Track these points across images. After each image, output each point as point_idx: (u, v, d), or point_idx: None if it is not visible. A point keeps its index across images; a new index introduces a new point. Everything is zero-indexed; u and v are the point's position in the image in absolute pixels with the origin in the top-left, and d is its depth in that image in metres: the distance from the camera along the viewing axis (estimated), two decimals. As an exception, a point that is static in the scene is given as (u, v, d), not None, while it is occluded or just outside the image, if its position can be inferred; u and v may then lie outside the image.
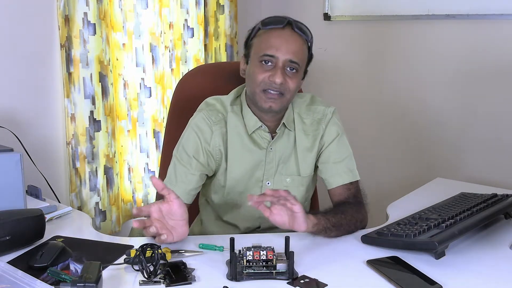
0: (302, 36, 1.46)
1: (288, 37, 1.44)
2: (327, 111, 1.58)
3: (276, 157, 1.54)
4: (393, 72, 2.52)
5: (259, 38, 1.47)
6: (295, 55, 1.44)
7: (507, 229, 1.50)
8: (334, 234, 1.41)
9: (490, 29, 2.21)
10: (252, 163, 1.54)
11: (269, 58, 1.43)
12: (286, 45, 1.43)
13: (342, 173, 1.54)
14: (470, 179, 2.09)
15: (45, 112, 2.09)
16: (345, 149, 1.57)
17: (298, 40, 1.45)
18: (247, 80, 1.51)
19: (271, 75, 1.43)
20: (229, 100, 1.56)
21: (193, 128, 1.53)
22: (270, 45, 1.43)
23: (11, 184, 1.44)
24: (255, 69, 1.45)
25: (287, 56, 1.43)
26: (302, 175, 1.56)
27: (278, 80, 1.41)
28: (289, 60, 1.43)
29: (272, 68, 1.43)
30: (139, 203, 2.41)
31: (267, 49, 1.43)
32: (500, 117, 2.22)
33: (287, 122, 1.54)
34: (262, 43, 1.45)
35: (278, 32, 1.45)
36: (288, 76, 1.44)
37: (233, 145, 1.53)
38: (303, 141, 1.55)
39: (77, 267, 1.22)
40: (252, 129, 1.52)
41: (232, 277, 1.19)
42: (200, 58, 2.47)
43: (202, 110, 1.55)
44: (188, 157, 1.51)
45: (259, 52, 1.45)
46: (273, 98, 1.44)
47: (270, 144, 1.53)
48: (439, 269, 1.24)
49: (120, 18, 2.24)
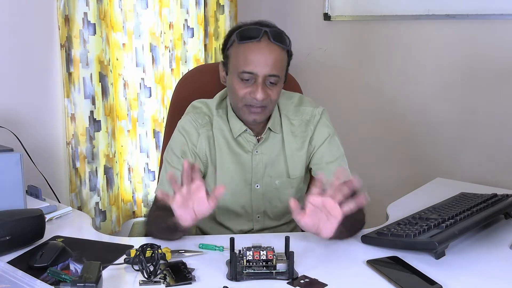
0: (280, 46, 1.42)
1: (265, 50, 1.39)
2: (315, 112, 1.58)
3: (263, 160, 1.54)
4: (393, 72, 2.52)
5: (236, 51, 1.43)
6: (274, 68, 1.40)
7: (507, 229, 1.50)
8: (345, 236, 1.38)
9: (490, 29, 2.21)
10: (239, 167, 1.54)
11: (248, 76, 1.40)
12: (264, 60, 1.39)
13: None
14: (470, 179, 2.09)
15: (45, 112, 2.09)
16: (337, 149, 1.57)
17: (276, 51, 1.41)
18: (228, 91, 1.51)
19: (252, 91, 1.41)
20: (215, 104, 1.56)
21: (180, 131, 1.54)
22: (248, 61, 1.39)
23: (11, 184, 1.44)
24: (235, 85, 1.43)
25: (266, 71, 1.39)
26: (291, 176, 1.56)
27: (259, 97, 1.40)
28: (269, 75, 1.40)
29: (252, 84, 1.41)
30: (139, 203, 2.41)
31: (245, 65, 1.39)
32: (500, 117, 2.22)
33: (272, 126, 1.54)
34: (239, 58, 1.41)
35: (254, 45, 1.40)
36: (269, 89, 1.42)
37: (220, 148, 1.53)
38: (291, 142, 1.55)
39: (77, 267, 1.22)
40: (238, 133, 1.52)
41: (232, 277, 1.19)
42: (200, 58, 2.47)
43: (189, 113, 1.56)
44: (178, 159, 1.51)
45: (237, 68, 1.42)
46: (256, 112, 1.44)
47: (256, 147, 1.53)
48: (439, 269, 1.24)
49: (120, 18, 2.24)
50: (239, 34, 1.43)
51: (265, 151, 1.55)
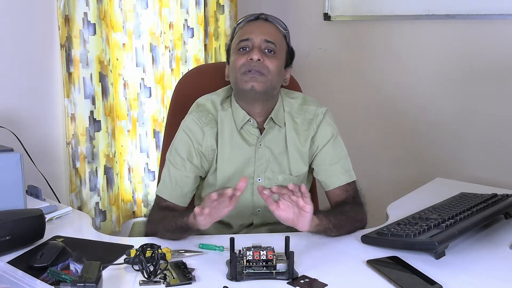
0: (275, 24, 1.53)
1: (261, 23, 1.52)
2: (319, 111, 1.58)
3: (266, 154, 1.54)
4: (393, 72, 2.51)
5: (236, 35, 1.54)
6: (270, 35, 1.49)
7: (507, 229, 1.50)
8: (334, 234, 1.41)
9: (490, 29, 2.21)
10: (242, 160, 1.54)
11: (245, 43, 1.48)
12: (260, 29, 1.50)
13: (339, 174, 1.54)
14: (470, 179, 2.09)
15: (45, 112, 2.09)
16: (341, 150, 1.57)
17: (271, 26, 1.53)
18: (230, 77, 1.54)
19: (248, 56, 1.46)
20: (220, 99, 1.58)
21: (185, 130, 1.54)
22: (244, 33, 1.50)
23: (11, 184, 1.44)
24: (234, 61, 1.49)
25: (261, 36, 1.47)
26: (293, 174, 1.56)
27: (255, 57, 1.45)
28: (265, 40, 1.47)
29: (249, 51, 1.48)
30: (139, 203, 2.41)
31: (242, 36, 1.50)
32: (500, 117, 2.22)
33: (275, 117, 1.54)
34: (238, 36, 1.52)
35: (251, 22, 1.53)
36: (266, 56, 1.47)
37: (224, 143, 1.53)
38: (293, 139, 1.55)
39: (77, 267, 1.22)
40: (241, 124, 1.53)
41: (232, 277, 1.19)
42: (200, 58, 2.47)
43: (192, 112, 1.56)
44: (182, 160, 1.51)
45: (236, 44, 1.50)
46: (254, 77, 1.45)
47: (259, 140, 1.53)
48: (439, 269, 1.24)
49: (120, 18, 2.24)
50: (239, 21, 1.58)
51: (268, 144, 1.54)
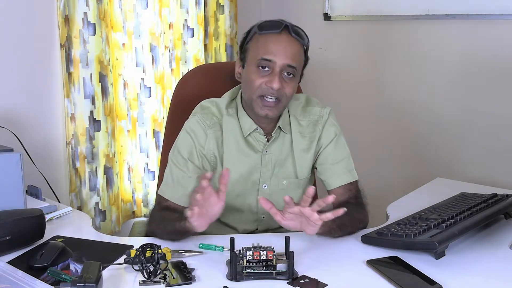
0: (299, 41, 1.45)
1: (285, 41, 1.43)
2: (323, 112, 1.58)
3: (272, 160, 1.54)
4: (393, 72, 2.52)
5: (256, 42, 1.46)
6: (293, 59, 1.42)
7: (507, 229, 1.50)
8: (338, 234, 1.41)
9: (490, 29, 2.21)
10: (247, 167, 1.53)
11: (266, 63, 1.42)
12: (283, 50, 1.42)
13: (341, 174, 1.54)
14: (470, 179, 2.09)
15: (45, 112, 2.09)
16: (343, 150, 1.57)
17: (295, 45, 1.44)
18: (243, 85, 1.51)
19: (268, 81, 1.42)
20: (225, 103, 1.55)
21: (188, 131, 1.53)
22: (267, 50, 1.42)
23: (11, 184, 1.44)
24: (252, 74, 1.44)
25: (284, 61, 1.41)
26: (299, 177, 1.56)
27: (275, 86, 1.40)
28: (287, 65, 1.42)
29: (270, 74, 1.42)
30: (139, 203, 2.41)
31: (265, 53, 1.42)
32: (500, 117, 2.22)
33: (282, 125, 1.53)
34: (259, 47, 1.44)
35: (275, 36, 1.43)
36: (285, 81, 1.43)
37: (229, 148, 1.52)
38: (299, 143, 1.55)
39: (77, 267, 1.22)
40: (248, 132, 1.52)
41: (232, 277, 1.19)
42: (200, 58, 2.47)
43: (196, 114, 1.55)
44: (184, 160, 1.51)
45: (256, 56, 1.44)
46: (270, 106, 1.44)
47: (266, 147, 1.53)
48: (439, 269, 1.24)
49: (120, 18, 2.24)
50: (260, 25, 1.47)
51: (274, 151, 1.54)
